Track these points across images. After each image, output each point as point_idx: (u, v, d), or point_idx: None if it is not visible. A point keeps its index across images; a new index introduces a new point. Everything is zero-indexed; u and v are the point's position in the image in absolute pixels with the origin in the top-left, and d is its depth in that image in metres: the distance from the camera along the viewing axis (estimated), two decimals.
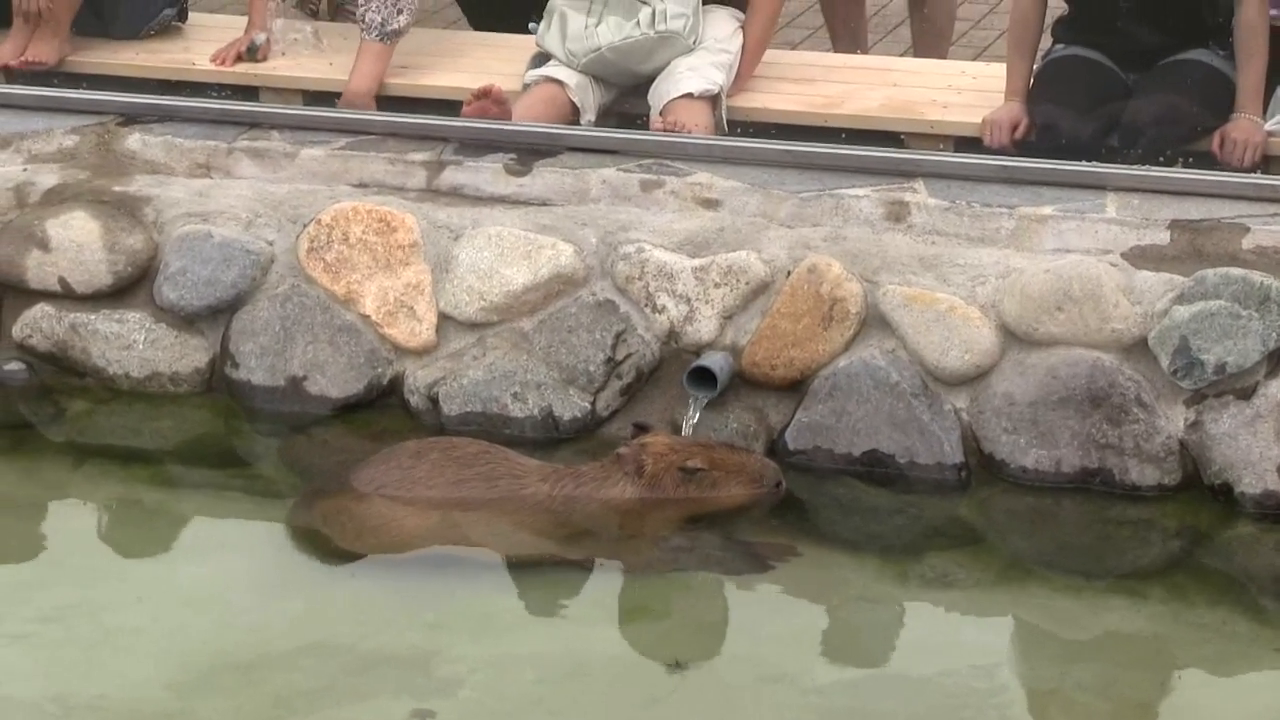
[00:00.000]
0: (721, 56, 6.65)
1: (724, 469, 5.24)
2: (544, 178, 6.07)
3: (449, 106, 6.64)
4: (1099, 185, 5.84)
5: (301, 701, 4.01)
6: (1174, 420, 5.34)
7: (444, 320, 5.73)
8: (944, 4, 7.81)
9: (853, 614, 4.87)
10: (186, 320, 5.89)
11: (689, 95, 6.47)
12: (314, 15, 7.70)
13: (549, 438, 5.64)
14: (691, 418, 5.49)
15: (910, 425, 5.42)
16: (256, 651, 4.23)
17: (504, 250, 5.71)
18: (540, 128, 6.37)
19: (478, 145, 6.19)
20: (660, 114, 6.49)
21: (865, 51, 7.89)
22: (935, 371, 5.47)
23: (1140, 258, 5.52)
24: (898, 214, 5.77)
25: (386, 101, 6.86)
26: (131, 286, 5.93)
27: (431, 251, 5.78)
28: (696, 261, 5.61)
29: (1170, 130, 6.29)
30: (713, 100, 6.57)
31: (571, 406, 5.62)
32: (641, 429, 5.38)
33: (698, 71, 6.56)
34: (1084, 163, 6.02)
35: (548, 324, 5.65)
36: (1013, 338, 5.45)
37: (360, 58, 6.83)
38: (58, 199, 6.05)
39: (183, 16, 7.32)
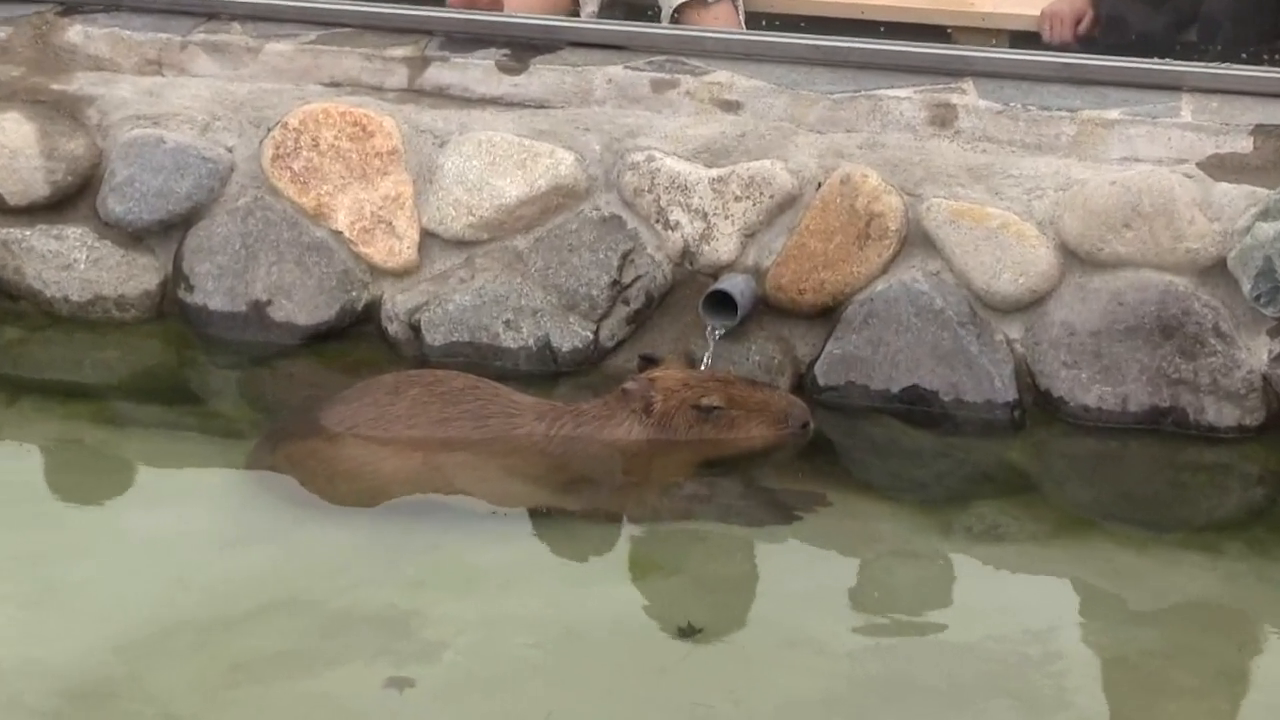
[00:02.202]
0: None
1: (744, 407, 5.22)
2: (541, 77, 6.05)
3: None
4: (1173, 85, 5.82)
5: (264, 667, 4.01)
6: (1256, 352, 5.33)
7: (427, 238, 5.74)
8: None
9: (888, 571, 4.84)
10: (134, 237, 5.88)
11: None
12: None
13: (546, 371, 5.65)
14: (708, 349, 5.51)
15: (956, 358, 5.41)
16: (213, 611, 4.24)
17: (495, 158, 5.72)
18: (537, 19, 6.35)
19: (466, 39, 6.17)
20: (671, 21, 6.45)
21: None
22: (985, 297, 5.46)
23: (1219, 168, 5.51)
24: (943, 118, 5.77)
25: None
26: (72, 198, 5.94)
27: (413, 160, 5.79)
28: (714, 172, 5.61)
29: (1254, 22, 6.30)
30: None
31: (571, 336, 5.63)
32: (650, 361, 5.36)
33: None
34: (1155, 60, 6.02)
35: (545, 242, 5.66)
36: (1073, 259, 5.44)
37: None
38: None
39: None
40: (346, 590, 4.58)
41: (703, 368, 5.47)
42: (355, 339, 5.78)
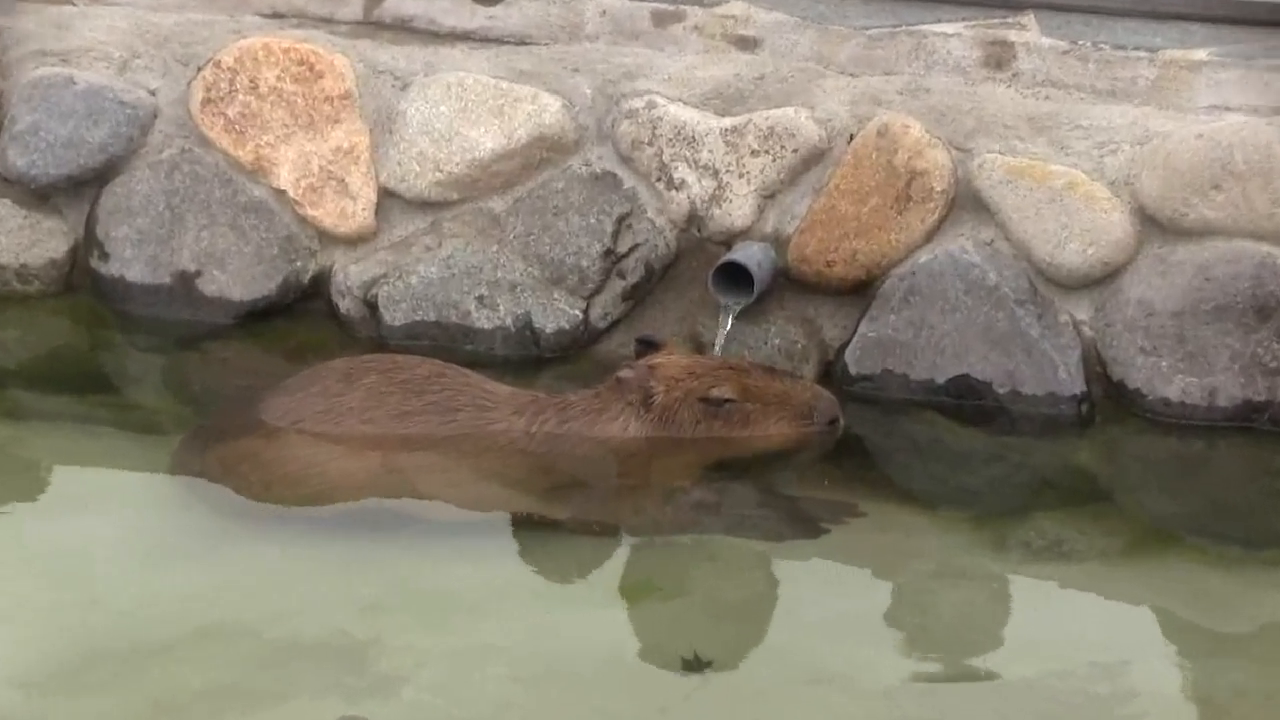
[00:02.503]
0: None
1: (761, 400, 5.22)
2: (522, 7, 6.06)
3: None
4: (1272, 21, 5.84)
5: (193, 704, 4.03)
6: None
7: (386, 198, 5.74)
8: None
9: (931, 594, 4.80)
10: (39, 195, 5.88)
11: None
12: None
13: (527, 356, 5.64)
14: (719, 331, 5.51)
15: (1013, 342, 5.42)
16: (133, 638, 4.40)
17: (468, 104, 5.72)
18: None
19: None
20: None
21: None
22: (1048, 270, 5.46)
23: None
24: (999, 58, 5.78)
25: None
26: None
27: (370, 106, 5.79)
28: (727, 121, 5.61)
29: None
30: None
31: (557, 315, 5.62)
32: (650, 345, 5.34)
33: None
34: None
35: (526, 204, 5.66)
36: (1152, 225, 5.44)
37: None
38: None
39: None
40: (288, 615, 4.57)
41: (713, 353, 5.47)
42: (300, 317, 5.77)
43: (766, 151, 5.49)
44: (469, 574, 4.71)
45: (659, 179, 5.51)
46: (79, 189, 5.72)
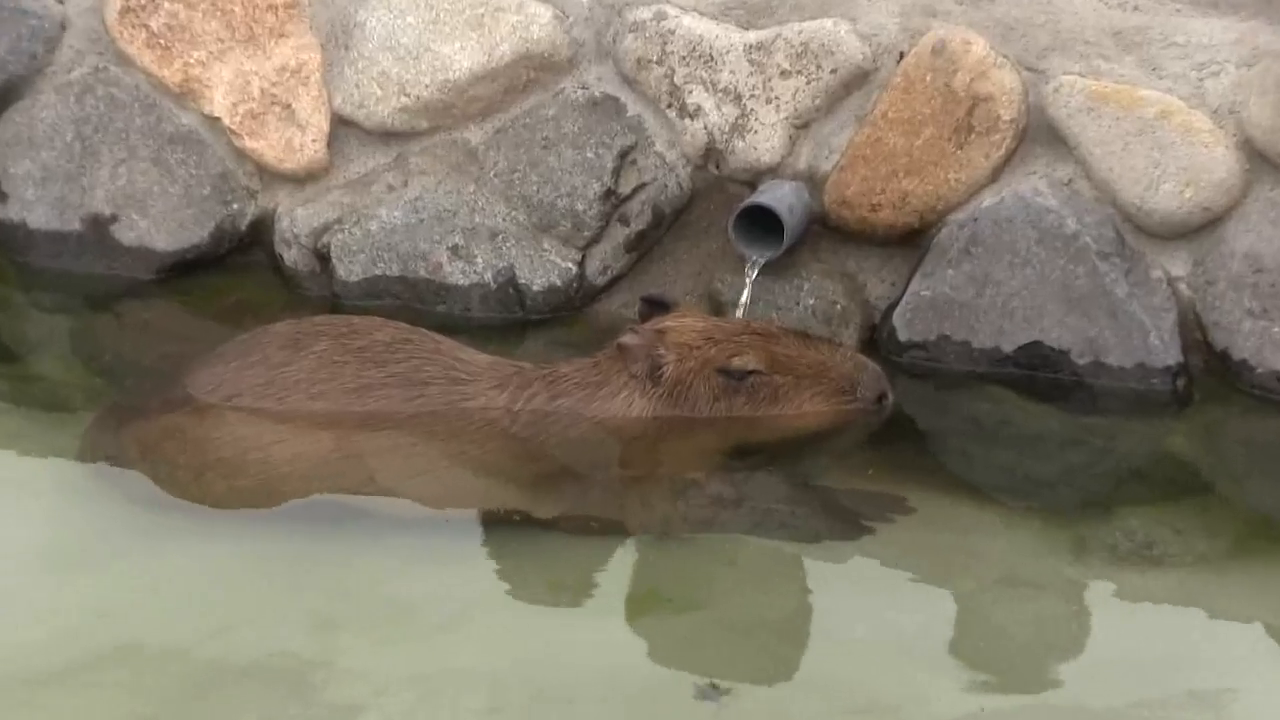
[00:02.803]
0: None
1: (791, 372, 5.20)
2: None
3: None
4: None
5: None
6: None
7: (341, 127, 5.78)
8: None
9: (997, 606, 4.77)
10: None
11: None
12: None
13: (509, 318, 5.68)
14: (743, 289, 5.51)
15: (1095, 303, 5.43)
16: (37, 660, 4.39)
17: (440, 14, 5.74)
18: None
19: None
20: None
21: None
22: (1137, 216, 5.47)
23: None
24: None
25: None
26: None
27: (322, 15, 5.82)
28: (752, 35, 5.63)
29: None
30: None
31: (546, 268, 5.65)
32: (659, 306, 5.32)
33: None
34: None
35: (509, 135, 5.70)
36: (1263, 163, 5.45)
37: None
38: None
39: None
40: (223, 631, 4.54)
41: (734, 315, 5.46)
42: (237, 271, 5.80)
43: (799, 72, 5.50)
44: (440, 582, 4.68)
45: (670, 105, 5.52)
46: None
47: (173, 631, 4.51)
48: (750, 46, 5.53)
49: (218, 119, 5.68)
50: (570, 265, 5.55)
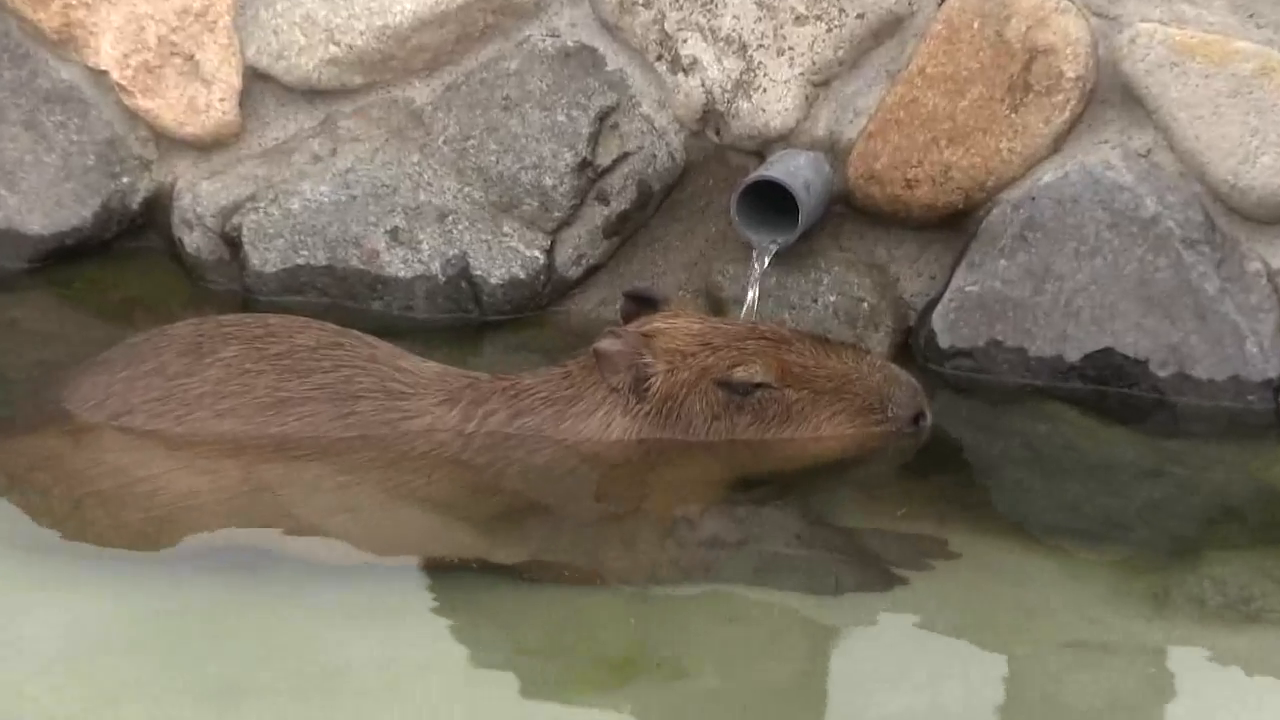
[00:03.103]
0: None
1: (808, 385, 5.12)
2: None
3: None
4: None
5: None
6: None
7: (255, 82, 5.77)
8: None
9: (1060, 674, 4.66)
10: None
11: None
12: None
13: (462, 319, 5.64)
14: (749, 282, 5.46)
15: (1180, 302, 5.37)
16: None
17: None
18: None
19: None
20: None
21: None
22: (1230, 196, 5.41)
23: None
24: None
25: None
26: None
27: None
28: None
29: None
30: None
31: (507, 257, 5.60)
32: (645, 303, 5.24)
33: None
34: None
35: (463, 93, 5.68)
36: None
37: None
38: None
39: None
40: (102, 701, 4.44)
41: (738, 316, 5.41)
42: (127, 259, 5.78)
43: (818, 17, 5.44)
44: (376, 644, 4.58)
45: (659, 58, 5.46)
46: None
47: (37, 706, 4.42)
48: None
49: (104, 73, 5.64)
50: (536, 253, 5.51)
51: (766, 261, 5.38)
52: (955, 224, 5.45)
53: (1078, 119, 5.43)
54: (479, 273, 5.49)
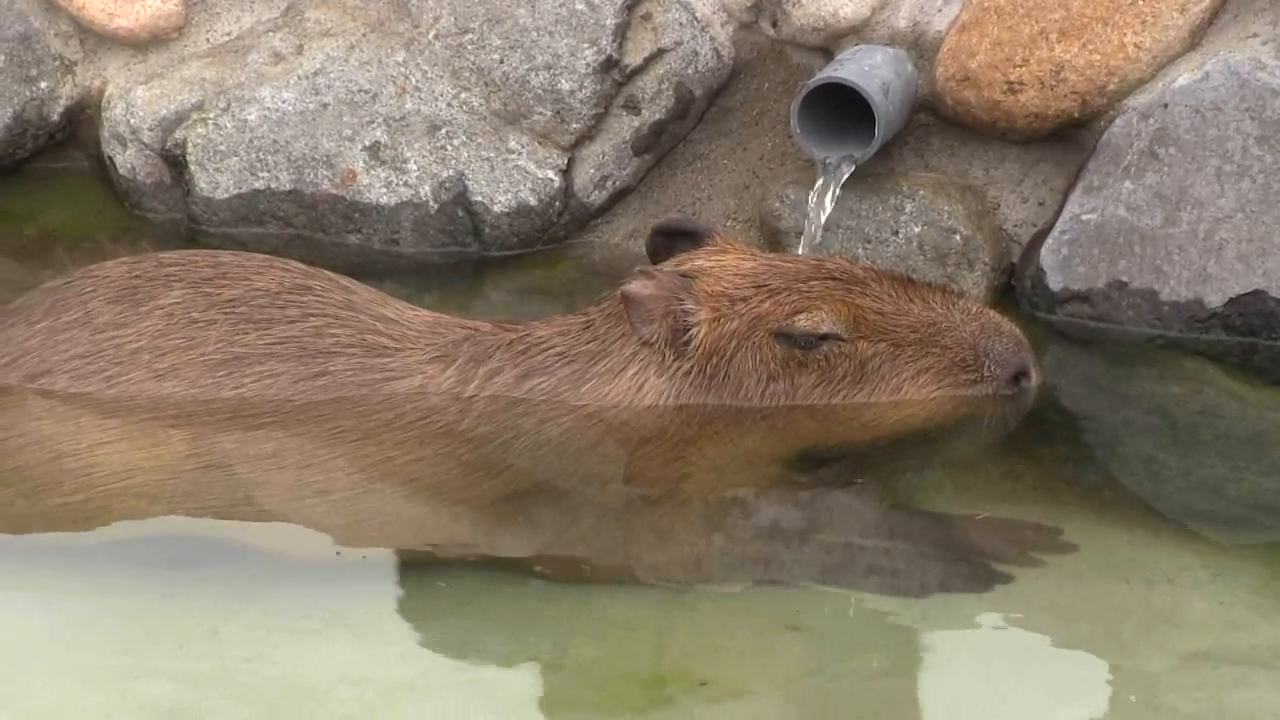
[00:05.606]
0: None
1: (886, 337, 4.91)
2: None
3: None
4: None
5: None
6: None
7: None
8: None
9: (1197, 691, 4.37)
10: None
11: None
12: None
13: (458, 254, 5.45)
14: (815, 210, 5.23)
15: None
16: None
17: None
18: None
19: None
20: None
21: None
22: None
23: None
24: None
25: None
26: None
27: None
28: None
29: None
30: None
31: (514, 179, 5.43)
32: (684, 236, 5.02)
33: None
34: None
35: None
36: None
37: None
38: None
39: None
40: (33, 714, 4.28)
41: (801, 252, 5.17)
42: (45, 181, 5.56)
43: None
44: (352, 656, 4.32)
45: None
46: None
47: None
48: None
49: None
50: (550, 174, 5.22)
51: (836, 185, 5.12)
52: (1069, 138, 5.24)
53: (1220, 7, 5.19)
54: (479, 198, 5.23)
